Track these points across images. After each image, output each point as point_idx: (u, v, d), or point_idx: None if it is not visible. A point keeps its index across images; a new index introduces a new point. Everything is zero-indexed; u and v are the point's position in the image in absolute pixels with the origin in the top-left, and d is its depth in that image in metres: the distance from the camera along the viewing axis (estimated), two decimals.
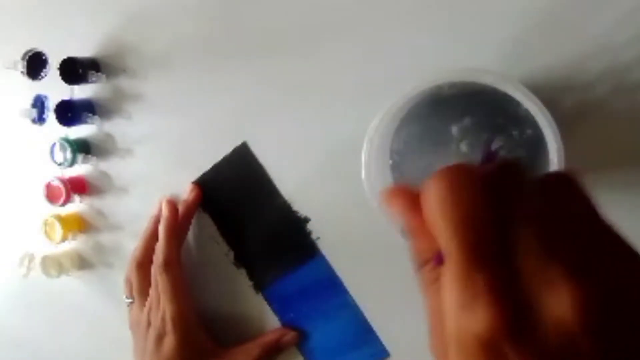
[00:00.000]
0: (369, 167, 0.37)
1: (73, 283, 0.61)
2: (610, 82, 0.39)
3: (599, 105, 0.40)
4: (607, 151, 0.40)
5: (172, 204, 0.53)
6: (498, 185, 0.21)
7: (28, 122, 0.59)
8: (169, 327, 0.49)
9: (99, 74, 0.54)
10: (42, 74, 0.58)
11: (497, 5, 0.41)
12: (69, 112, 0.56)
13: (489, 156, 0.26)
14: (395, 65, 0.45)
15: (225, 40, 0.51)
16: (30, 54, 0.58)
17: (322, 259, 0.50)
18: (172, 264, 0.51)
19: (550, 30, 0.40)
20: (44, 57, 0.58)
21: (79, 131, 0.57)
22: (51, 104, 0.58)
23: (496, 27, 0.41)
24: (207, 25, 0.51)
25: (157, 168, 0.55)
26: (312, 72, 0.48)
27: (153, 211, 0.55)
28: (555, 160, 0.33)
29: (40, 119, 0.59)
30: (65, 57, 0.54)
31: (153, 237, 0.53)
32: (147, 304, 0.52)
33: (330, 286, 0.49)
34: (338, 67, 0.47)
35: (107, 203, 0.58)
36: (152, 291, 0.51)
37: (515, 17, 0.41)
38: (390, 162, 0.40)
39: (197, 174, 0.54)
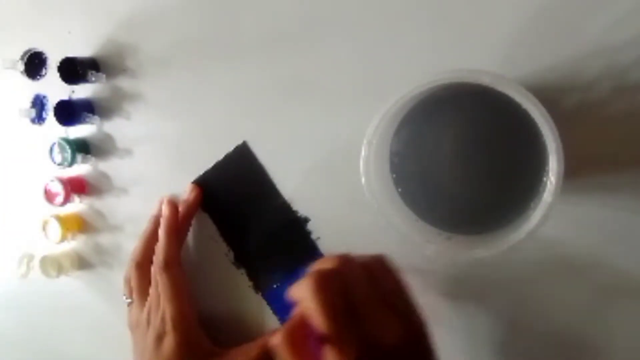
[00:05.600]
0: (368, 169, 0.37)
1: (72, 283, 0.61)
2: (610, 82, 0.39)
3: (599, 105, 0.39)
4: (607, 151, 0.40)
5: (173, 204, 0.53)
6: (343, 278, 0.35)
7: (27, 122, 0.59)
8: (168, 327, 0.49)
9: (99, 73, 0.54)
10: (41, 73, 0.58)
11: (496, 6, 0.41)
12: (68, 112, 0.56)
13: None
14: (395, 65, 0.45)
15: (225, 40, 0.51)
16: (29, 53, 0.58)
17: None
18: (172, 264, 0.51)
19: (549, 30, 0.40)
20: (43, 57, 0.58)
21: (78, 131, 0.57)
22: (50, 103, 0.58)
23: (495, 27, 0.41)
24: (207, 25, 0.51)
25: (156, 168, 0.55)
26: (313, 72, 0.48)
27: (153, 211, 0.55)
28: (554, 161, 0.33)
29: (39, 119, 0.59)
30: (64, 56, 0.54)
31: (153, 237, 0.53)
32: (146, 304, 0.52)
33: None
34: (338, 66, 0.47)
35: (106, 203, 0.58)
36: (152, 291, 0.51)
37: (514, 17, 0.41)
38: (389, 164, 0.40)
39: (197, 173, 0.53)
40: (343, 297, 0.34)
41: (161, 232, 0.52)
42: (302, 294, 0.34)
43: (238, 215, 0.53)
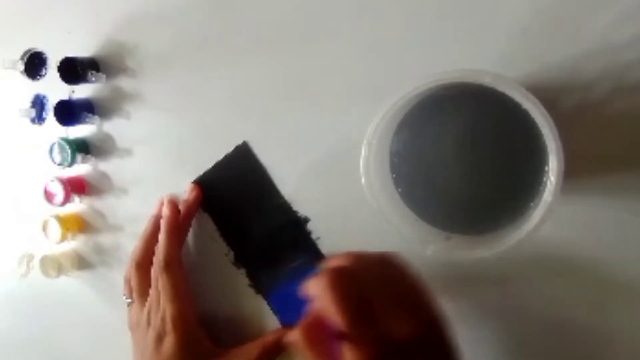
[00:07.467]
0: (368, 169, 0.37)
1: (72, 283, 0.61)
2: (610, 82, 0.39)
3: (599, 105, 0.39)
4: (607, 151, 0.40)
5: (173, 204, 0.53)
6: (357, 275, 0.35)
7: (27, 121, 0.59)
8: (168, 327, 0.49)
9: (99, 73, 0.54)
10: (41, 73, 0.58)
11: (496, 6, 0.41)
12: (68, 112, 0.56)
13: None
14: (395, 65, 0.45)
15: (225, 40, 0.51)
16: (29, 53, 0.58)
17: (322, 259, 0.50)
18: (173, 264, 0.51)
19: (549, 30, 0.40)
20: (43, 57, 0.58)
21: (78, 131, 0.57)
22: (50, 103, 0.58)
23: (495, 27, 0.41)
24: (207, 25, 0.51)
25: (156, 168, 0.55)
26: (313, 72, 0.48)
27: (153, 211, 0.55)
28: (554, 161, 0.33)
29: (39, 119, 0.59)
30: (64, 56, 0.54)
31: (153, 237, 0.53)
32: (147, 304, 0.52)
33: None
34: (339, 67, 0.47)
35: (106, 203, 0.58)
36: (152, 291, 0.51)
37: (514, 17, 0.41)
38: (389, 164, 0.40)
39: (197, 173, 0.53)
40: (358, 294, 0.34)
41: (162, 232, 0.52)
42: (319, 290, 0.35)
43: (238, 215, 0.53)
